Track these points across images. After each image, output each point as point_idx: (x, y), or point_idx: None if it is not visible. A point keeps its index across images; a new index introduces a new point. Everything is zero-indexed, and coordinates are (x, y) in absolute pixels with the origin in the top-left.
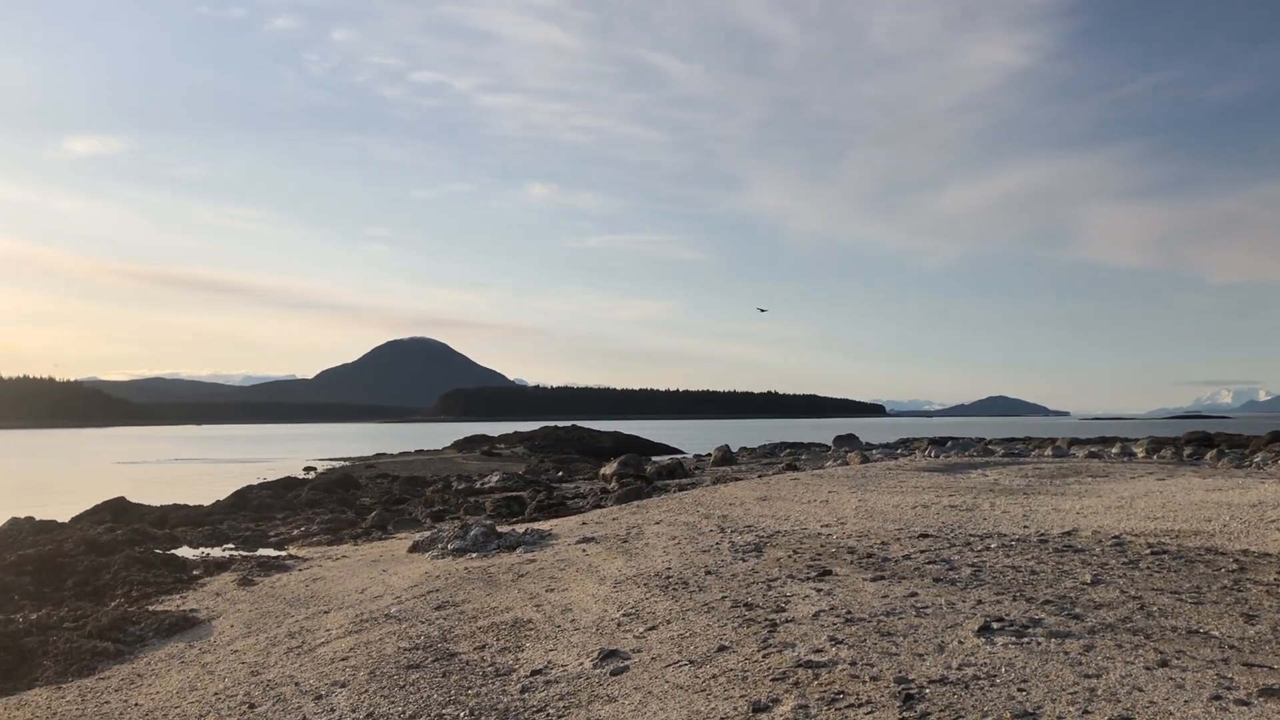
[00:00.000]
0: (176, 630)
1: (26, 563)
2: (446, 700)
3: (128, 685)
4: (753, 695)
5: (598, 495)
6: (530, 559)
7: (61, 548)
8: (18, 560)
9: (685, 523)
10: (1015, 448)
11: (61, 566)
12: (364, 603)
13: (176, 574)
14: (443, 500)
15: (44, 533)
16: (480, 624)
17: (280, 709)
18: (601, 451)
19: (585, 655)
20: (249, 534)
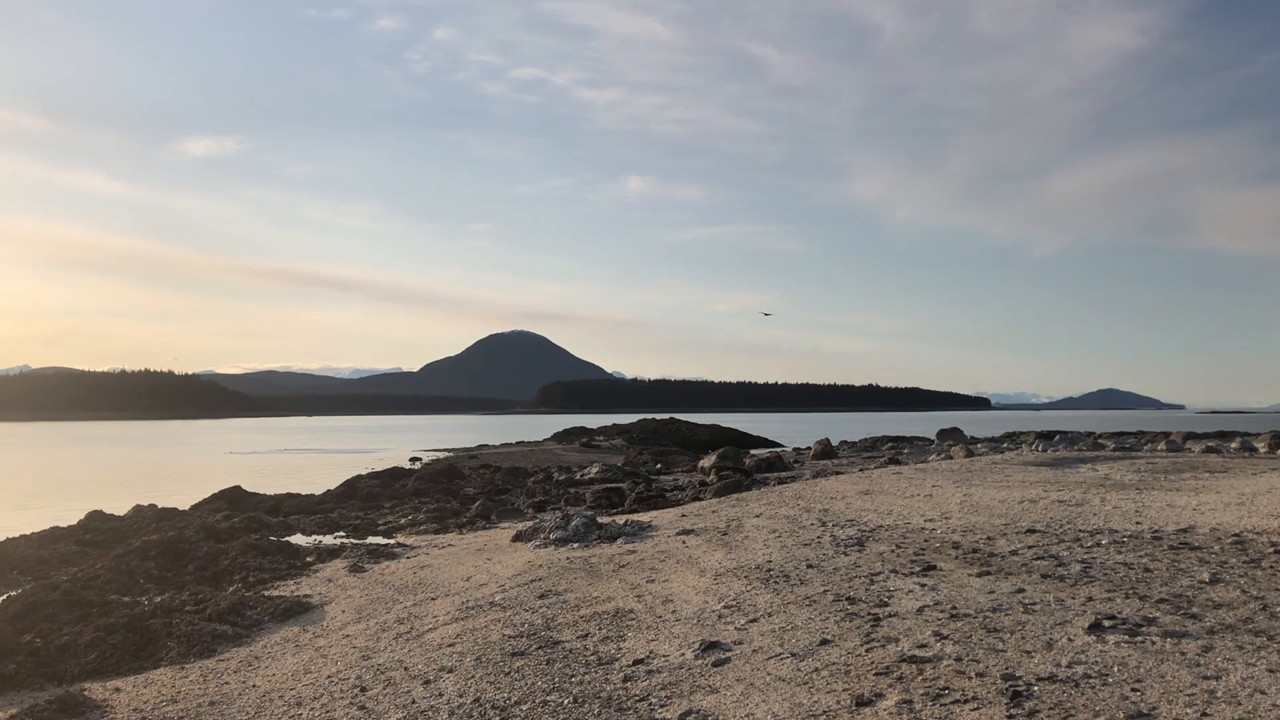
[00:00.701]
0: (291, 615)
1: (150, 548)
2: (551, 687)
3: (245, 667)
4: (856, 689)
5: (696, 488)
6: (631, 550)
7: (183, 534)
8: (142, 546)
9: (786, 516)
10: (1126, 442)
11: (183, 552)
12: (469, 590)
13: (290, 560)
14: (544, 491)
15: (166, 519)
16: (582, 613)
17: (390, 692)
18: (699, 444)
19: (687, 646)
20: (358, 522)
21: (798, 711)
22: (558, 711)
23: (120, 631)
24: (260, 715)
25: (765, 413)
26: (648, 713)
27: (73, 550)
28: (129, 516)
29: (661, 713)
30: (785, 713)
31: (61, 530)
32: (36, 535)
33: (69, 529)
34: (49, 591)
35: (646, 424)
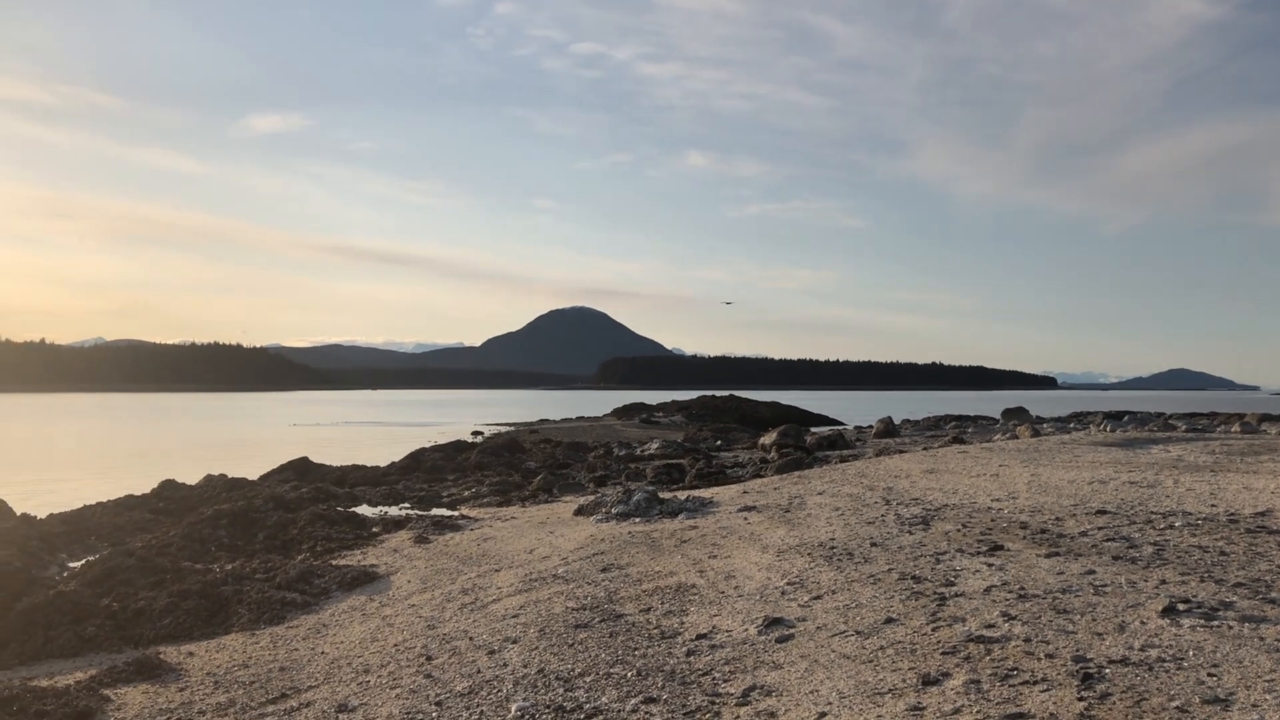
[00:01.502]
0: (358, 584)
1: (222, 517)
2: (614, 660)
3: (314, 634)
4: (922, 668)
5: (757, 465)
6: (692, 525)
7: (253, 503)
8: (214, 514)
9: (849, 494)
10: (1199, 424)
11: (253, 521)
12: (532, 563)
13: (357, 531)
14: (604, 466)
15: (236, 489)
16: (645, 587)
17: (456, 662)
18: (759, 421)
19: (750, 622)
20: (423, 494)
21: (863, 689)
22: (621, 684)
23: (193, 597)
24: (329, 681)
25: (826, 390)
26: (711, 687)
27: (147, 518)
28: (200, 486)
29: (725, 687)
30: (850, 690)
31: (136, 498)
32: (112, 503)
33: (143, 497)
34: (125, 557)
35: (706, 401)
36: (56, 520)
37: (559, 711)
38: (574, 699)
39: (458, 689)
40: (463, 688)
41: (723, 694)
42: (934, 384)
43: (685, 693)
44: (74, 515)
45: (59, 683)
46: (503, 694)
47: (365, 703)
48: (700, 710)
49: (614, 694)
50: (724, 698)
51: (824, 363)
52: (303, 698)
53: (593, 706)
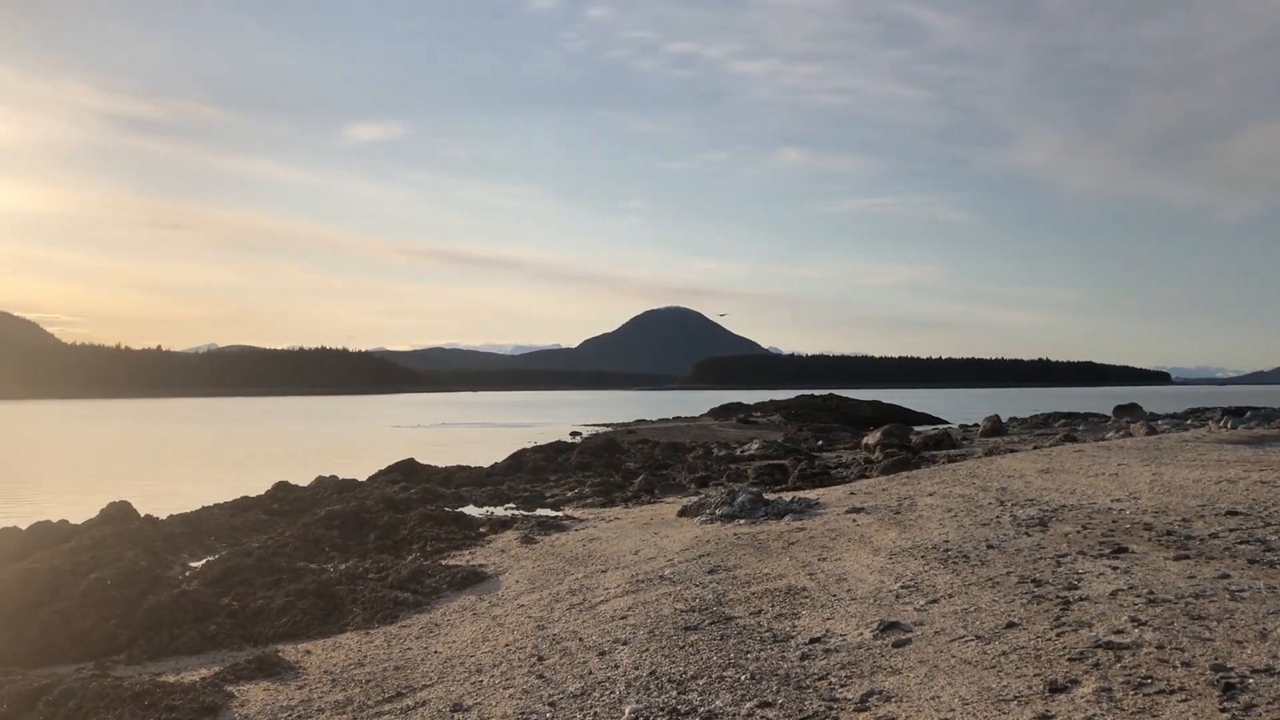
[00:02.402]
0: (467, 584)
1: (335, 518)
2: (726, 663)
3: (427, 633)
4: (1048, 674)
5: (861, 465)
6: (799, 527)
7: (364, 504)
8: (327, 515)
9: (960, 495)
10: None
11: (364, 521)
12: (638, 564)
13: (465, 531)
14: (705, 466)
15: (347, 490)
16: (754, 589)
17: (567, 662)
18: (860, 421)
19: (864, 626)
20: (527, 494)
21: (986, 696)
22: (735, 687)
23: (309, 597)
24: (443, 680)
25: (928, 388)
26: (828, 692)
27: (262, 519)
28: (312, 487)
29: (842, 692)
30: (973, 696)
31: (251, 500)
32: (229, 504)
33: (258, 499)
34: (243, 558)
35: (805, 400)
36: (177, 521)
37: (673, 714)
38: (687, 702)
39: (570, 690)
40: (575, 689)
41: (840, 699)
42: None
43: (801, 697)
44: (193, 516)
45: (185, 679)
46: (615, 695)
47: (479, 702)
48: (817, 715)
49: (728, 697)
50: (841, 703)
51: (925, 360)
52: (418, 696)
53: (707, 710)
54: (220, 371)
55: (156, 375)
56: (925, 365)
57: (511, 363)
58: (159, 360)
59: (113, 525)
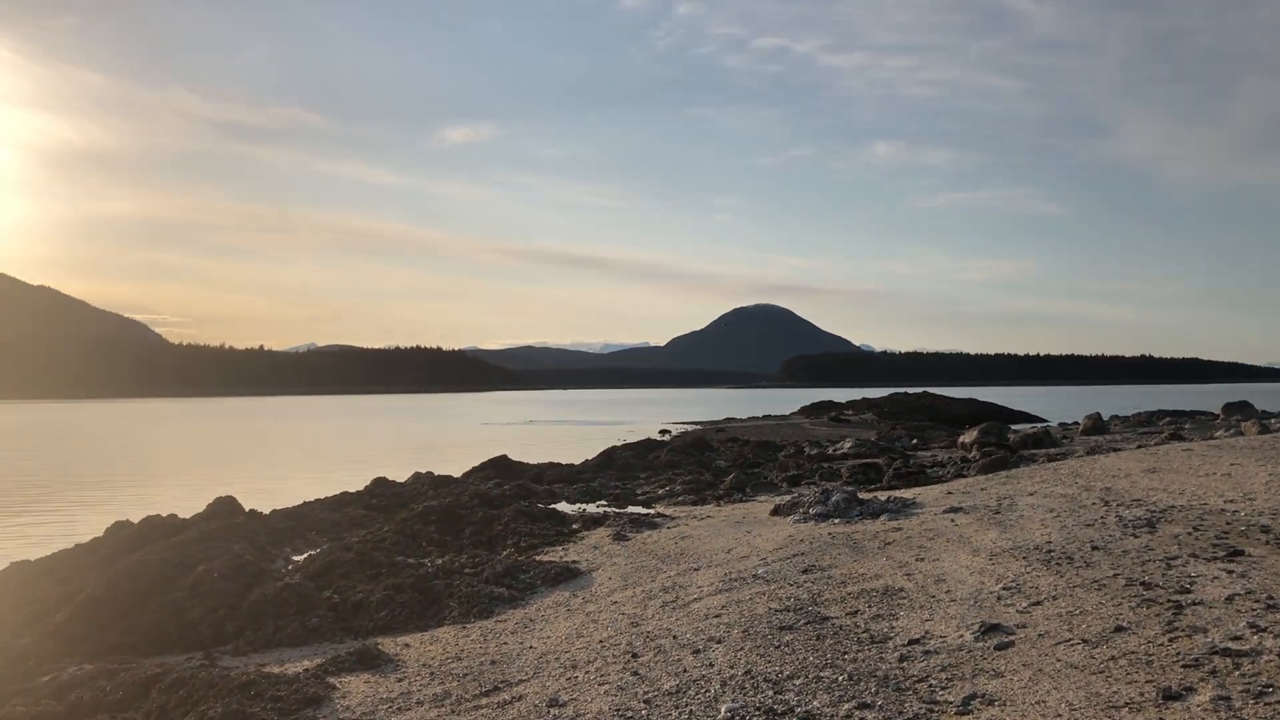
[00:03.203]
0: (561, 580)
1: (431, 513)
2: (823, 664)
3: (522, 629)
4: (1161, 681)
5: (958, 464)
6: (896, 527)
7: (459, 500)
8: (423, 511)
9: (1062, 494)
10: None
11: (460, 517)
12: (731, 562)
13: (558, 527)
14: (797, 465)
15: (442, 486)
16: (849, 590)
17: (661, 660)
18: (955, 419)
19: (965, 627)
20: (618, 492)
21: (1095, 701)
22: (832, 688)
23: (407, 591)
24: (538, 676)
25: (1025, 386)
26: (928, 694)
27: (361, 514)
28: (409, 483)
29: (943, 695)
30: (1081, 702)
31: (350, 495)
32: (329, 499)
33: (357, 494)
34: (344, 552)
35: (898, 398)
36: (280, 516)
37: (769, 714)
38: (784, 702)
39: (665, 687)
40: (670, 686)
41: (940, 702)
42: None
43: (900, 699)
44: (295, 511)
45: (289, 670)
46: (711, 694)
47: (575, 698)
48: (918, 718)
49: (825, 698)
50: (942, 705)
51: (1022, 357)
52: (514, 691)
53: (804, 710)
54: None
55: (259, 374)
56: (1022, 362)
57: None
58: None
59: (219, 520)
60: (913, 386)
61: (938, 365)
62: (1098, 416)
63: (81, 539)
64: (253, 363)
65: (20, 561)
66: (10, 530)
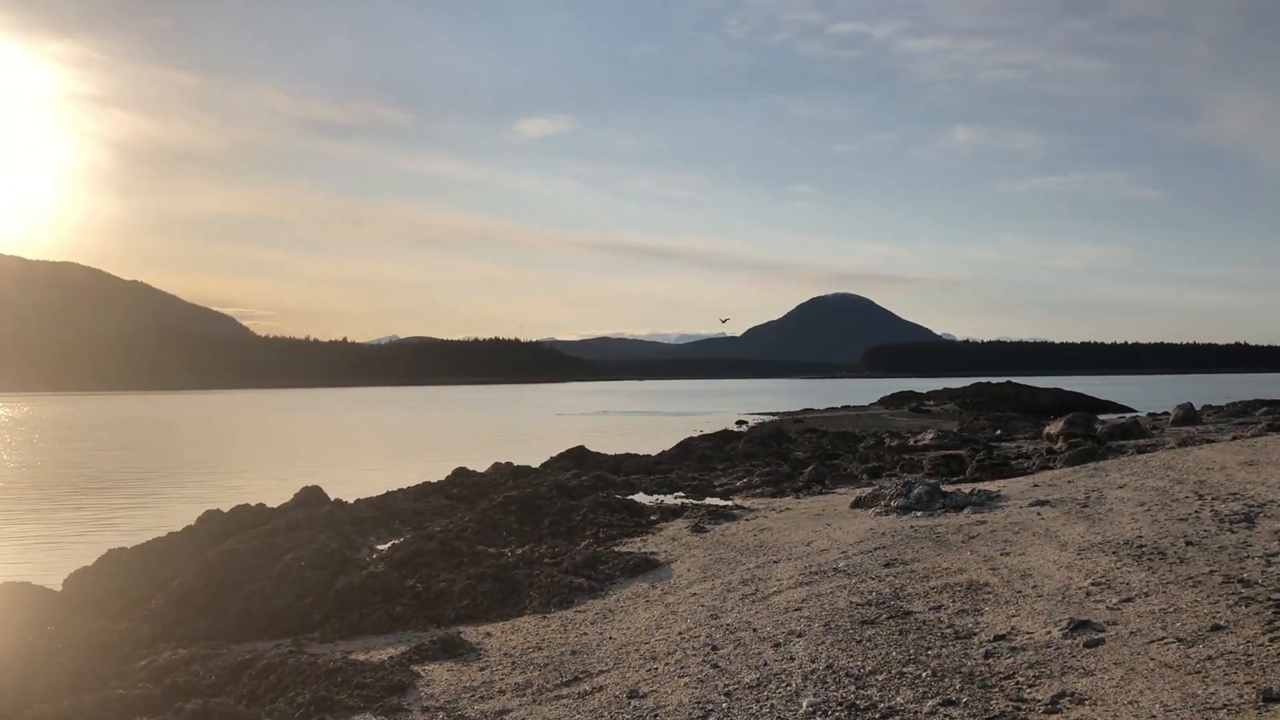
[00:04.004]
0: (640, 571)
1: (510, 503)
2: (906, 659)
3: (601, 619)
4: (1262, 682)
5: (1043, 456)
6: (980, 520)
7: (538, 490)
8: (503, 501)
9: (1154, 488)
10: None
11: (539, 507)
12: (811, 555)
13: (636, 518)
14: (877, 457)
15: (521, 476)
16: (932, 584)
17: (741, 653)
18: (1040, 409)
19: (1052, 624)
20: (695, 483)
21: (1191, 702)
22: (916, 684)
23: (488, 580)
24: (618, 667)
25: (1112, 375)
26: (1015, 692)
27: (442, 503)
28: (489, 473)
29: (1031, 693)
30: (1176, 703)
31: (432, 485)
32: (412, 489)
33: (438, 484)
34: (426, 541)
35: (981, 388)
36: (364, 505)
37: (852, 709)
38: (867, 697)
39: (746, 681)
40: (750, 679)
41: (1028, 700)
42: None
43: (986, 696)
44: (379, 501)
45: (374, 657)
46: (792, 688)
47: (655, 690)
48: (1004, 716)
49: (909, 694)
50: (1030, 704)
51: (1110, 345)
52: (594, 682)
53: (887, 706)
54: (401, 362)
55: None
56: (1110, 351)
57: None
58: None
59: (306, 509)
60: (996, 376)
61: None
62: (1189, 406)
63: (174, 527)
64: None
65: (117, 549)
66: (106, 518)
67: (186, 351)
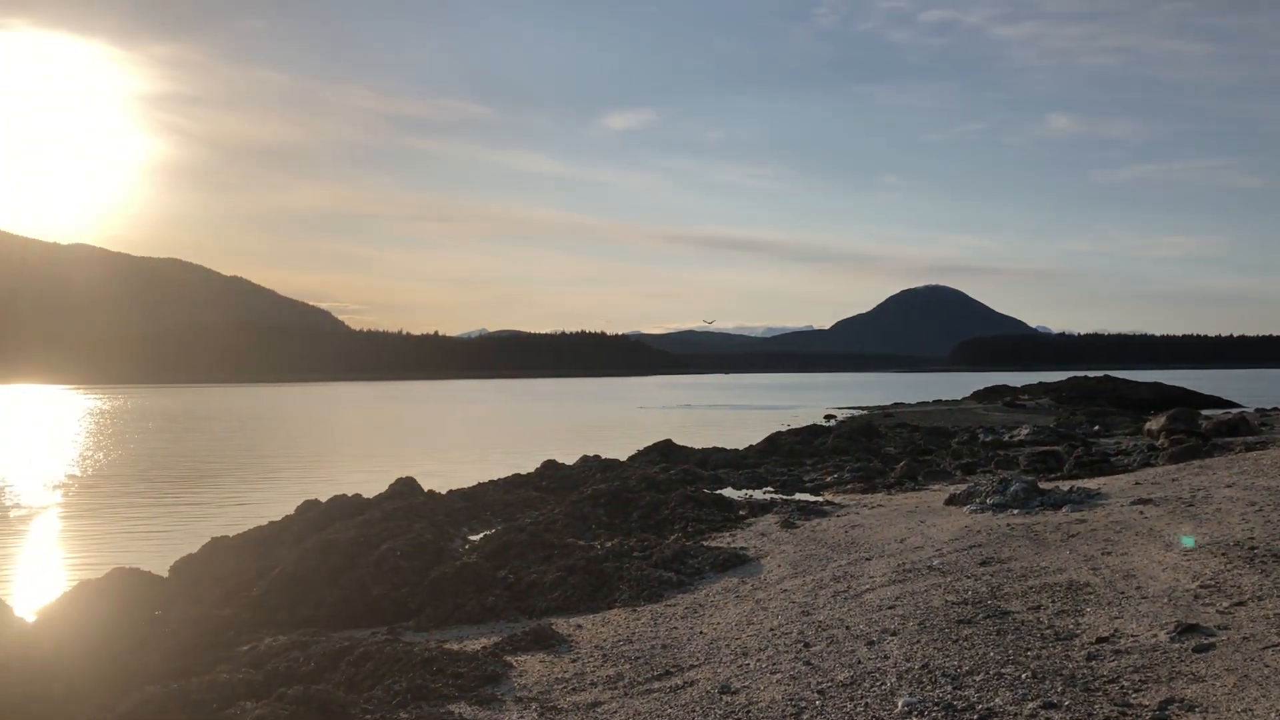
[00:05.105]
0: (729, 566)
1: (600, 496)
2: (1005, 660)
3: (691, 614)
4: None
5: (1145, 453)
6: (1079, 518)
7: (626, 484)
8: (593, 494)
9: (1265, 487)
10: None
11: (627, 501)
12: (904, 553)
13: (724, 513)
14: (970, 453)
15: (609, 470)
16: (1030, 583)
17: (834, 651)
18: (1140, 404)
19: (1158, 627)
20: (784, 478)
21: None
22: (1015, 685)
23: (579, 573)
24: (709, 662)
25: (1217, 369)
26: (1120, 697)
27: (532, 495)
28: (577, 466)
29: (1136, 698)
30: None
31: (522, 477)
32: (502, 481)
33: (528, 476)
34: (517, 533)
35: (1077, 382)
36: (456, 496)
37: (949, 710)
38: (964, 698)
39: (839, 679)
40: (844, 678)
41: (1134, 705)
42: None
43: (1090, 700)
44: (470, 492)
45: (467, 647)
46: (887, 687)
47: (747, 685)
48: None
49: (1008, 695)
50: (1136, 709)
51: (1214, 338)
52: (685, 676)
53: (985, 708)
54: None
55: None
56: (1214, 344)
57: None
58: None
59: (400, 499)
60: (1093, 370)
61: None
62: None
63: (274, 517)
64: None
65: (220, 537)
66: (209, 507)
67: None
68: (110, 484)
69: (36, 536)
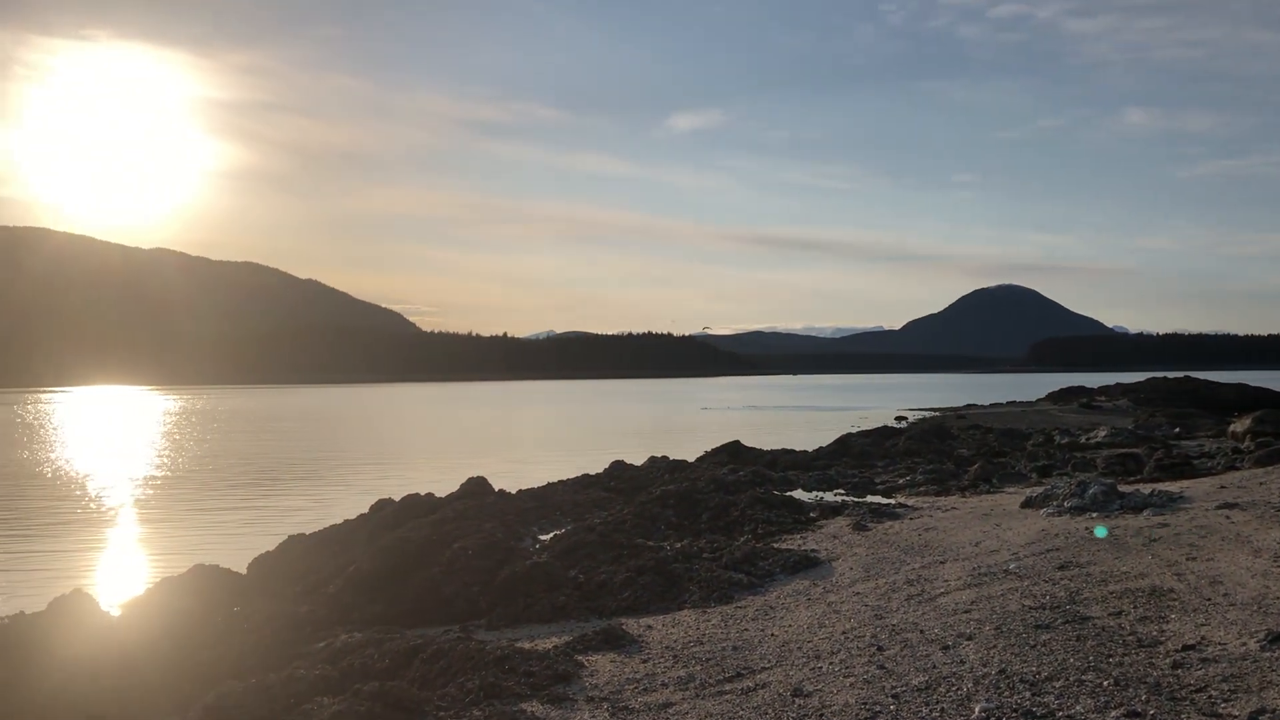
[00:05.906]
0: (800, 568)
1: (669, 497)
2: (1085, 666)
3: (762, 615)
4: None
5: (1229, 455)
6: (1161, 522)
7: (695, 485)
8: (661, 495)
9: None
10: None
11: (696, 502)
12: (979, 556)
13: (795, 515)
14: (1046, 455)
15: (678, 470)
16: (1111, 589)
17: (908, 655)
18: (1223, 405)
19: (1248, 635)
20: (855, 480)
21: None
22: (1097, 693)
23: (648, 573)
24: (781, 664)
25: None
26: (1208, 706)
27: (601, 495)
28: (645, 467)
29: (1225, 708)
30: None
31: (591, 478)
32: (571, 481)
33: (596, 476)
34: (587, 533)
35: (1157, 383)
36: (526, 496)
37: (1027, 716)
38: (1043, 705)
39: (914, 683)
40: (919, 682)
41: (1223, 715)
42: None
43: (1176, 709)
44: (540, 492)
45: (538, 646)
46: (963, 693)
47: (820, 689)
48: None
49: (1089, 703)
50: (1225, 719)
51: None
52: (757, 678)
53: (1066, 715)
54: (559, 356)
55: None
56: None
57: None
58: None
59: (472, 499)
60: (1172, 371)
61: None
62: None
63: (349, 515)
64: (498, 349)
65: (296, 535)
66: (286, 505)
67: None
68: (190, 483)
69: (120, 534)
